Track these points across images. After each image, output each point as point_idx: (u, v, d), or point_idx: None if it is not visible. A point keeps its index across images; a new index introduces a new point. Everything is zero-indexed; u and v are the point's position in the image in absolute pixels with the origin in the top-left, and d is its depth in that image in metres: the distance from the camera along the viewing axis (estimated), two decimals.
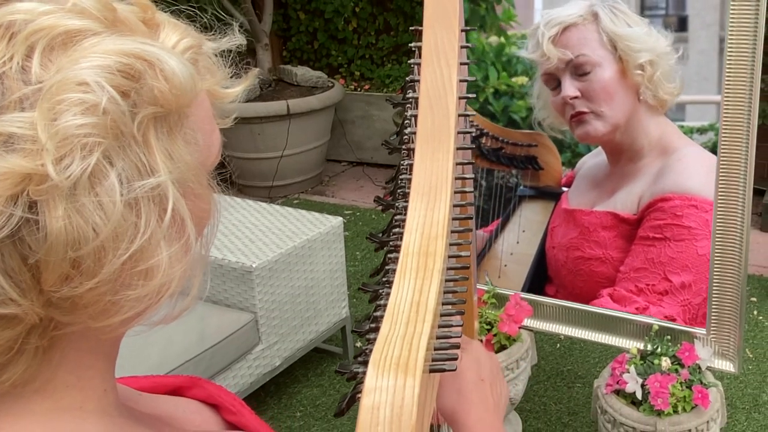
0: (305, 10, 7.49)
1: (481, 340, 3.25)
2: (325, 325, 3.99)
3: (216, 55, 0.86)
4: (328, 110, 6.70)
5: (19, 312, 0.70)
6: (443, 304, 0.91)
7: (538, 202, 3.38)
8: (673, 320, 3.15)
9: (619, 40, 2.99)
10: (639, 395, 2.93)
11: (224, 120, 0.88)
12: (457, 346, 0.89)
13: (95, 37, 0.71)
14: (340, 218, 4.01)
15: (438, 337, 0.88)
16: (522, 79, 3.24)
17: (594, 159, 3.24)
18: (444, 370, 0.87)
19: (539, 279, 3.42)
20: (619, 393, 3.03)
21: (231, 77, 0.88)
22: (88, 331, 0.76)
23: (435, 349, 0.87)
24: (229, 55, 0.87)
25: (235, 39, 0.88)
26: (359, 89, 7.24)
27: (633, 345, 3.15)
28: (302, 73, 6.82)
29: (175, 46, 0.77)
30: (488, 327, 3.31)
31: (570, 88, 3.11)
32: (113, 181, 0.69)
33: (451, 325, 0.91)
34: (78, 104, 0.67)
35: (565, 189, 3.30)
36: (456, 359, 0.88)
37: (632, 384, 2.93)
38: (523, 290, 3.42)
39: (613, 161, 3.19)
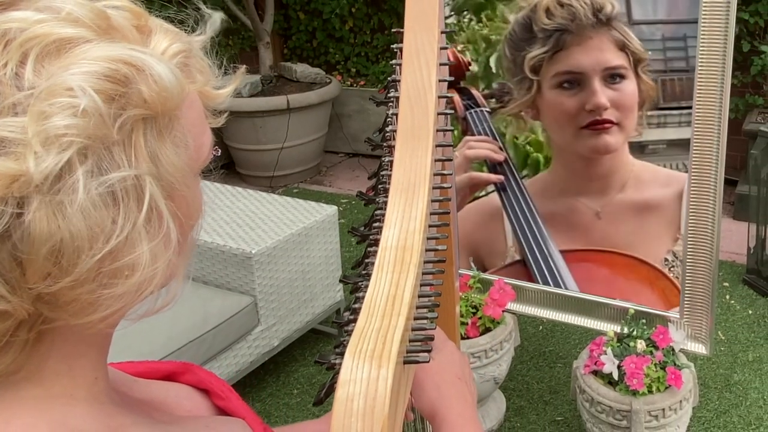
0: (305, 11, 7.46)
1: (466, 324, 3.24)
2: (320, 308, 3.97)
3: (208, 56, 0.84)
4: (326, 105, 6.69)
5: (8, 308, 0.69)
6: (420, 296, 0.89)
7: None
8: None
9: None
10: (615, 376, 2.92)
11: (217, 119, 0.86)
12: (431, 338, 0.87)
13: (87, 44, 0.70)
14: (335, 207, 3.99)
15: (413, 329, 0.86)
16: None
17: None
18: (418, 362, 0.85)
19: None
20: (596, 374, 3.03)
21: (224, 75, 0.86)
22: (75, 325, 0.74)
23: (410, 341, 0.85)
24: (217, 54, 0.85)
25: (216, 20, 0.86)
26: (355, 85, 7.22)
27: (610, 328, 3.14)
28: (301, 70, 6.80)
29: (164, 51, 0.76)
30: (473, 310, 3.30)
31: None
32: (90, 179, 0.68)
33: (427, 318, 0.89)
34: (65, 108, 0.67)
35: None
36: (430, 350, 0.86)
37: (609, 365, 2.92)
38: None
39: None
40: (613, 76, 2.97)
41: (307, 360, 4.11)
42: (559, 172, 3.20)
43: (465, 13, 3.21)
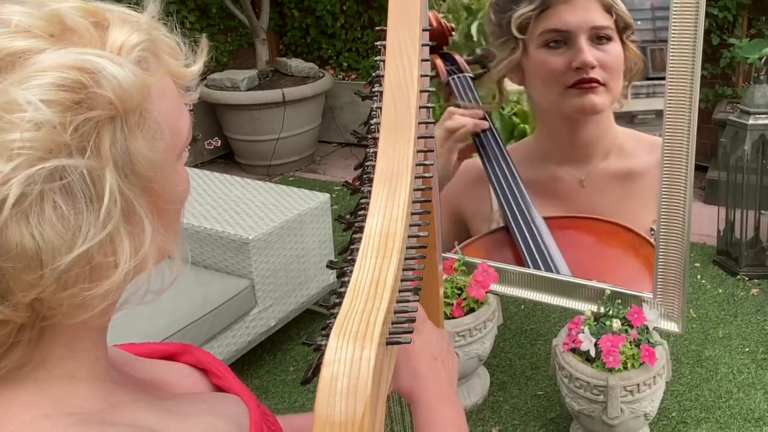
0: (299, 8, 7.44)
1: (451, 304, 3.24)
2: (315, 290, 3.97)
3: (173, 35, 0.80)
4: (320, 97, 6.69)
5: (5, 317, 0.69)
6: (402, 281, 0.89)
7: None
8: None
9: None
10: (593, 353, 2.92)
11: (190, 95, 0.84)
12: (412, 320, 0.87)
13: (40, 54, 0.68)
14: (328, 195, 3.98)
15: (396, 312, 0.86)
16: None
17: None
18: (400, 343, 0.85)
19: None
20: (575, 351, 3.03)
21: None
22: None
23: (392, 323, 0.85)
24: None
25: None
26: (347, 78, 7.21)
27: (587, 308, 3.14)
28: (296, 64, 6.79)
29: (122, 46, 0.73)
30: (458, 292, 3.30)
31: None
32: (48, 186, 0.66)
33: (409, 301, 0.89)
34: (18, 123, 0.64)
35: None
36: (411, 332, 0.86)
37: (586, 343, 2.92)
38: None
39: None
40: (599, 37, 2.86)
41: (302, 339, 4.11)
42: (543, 138, 3.13)
43: None
